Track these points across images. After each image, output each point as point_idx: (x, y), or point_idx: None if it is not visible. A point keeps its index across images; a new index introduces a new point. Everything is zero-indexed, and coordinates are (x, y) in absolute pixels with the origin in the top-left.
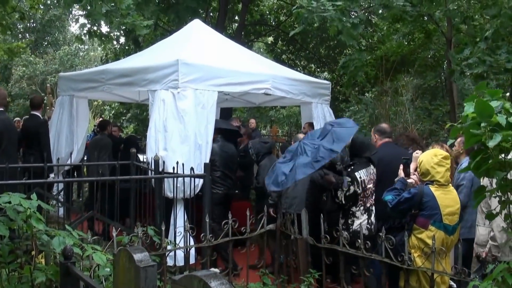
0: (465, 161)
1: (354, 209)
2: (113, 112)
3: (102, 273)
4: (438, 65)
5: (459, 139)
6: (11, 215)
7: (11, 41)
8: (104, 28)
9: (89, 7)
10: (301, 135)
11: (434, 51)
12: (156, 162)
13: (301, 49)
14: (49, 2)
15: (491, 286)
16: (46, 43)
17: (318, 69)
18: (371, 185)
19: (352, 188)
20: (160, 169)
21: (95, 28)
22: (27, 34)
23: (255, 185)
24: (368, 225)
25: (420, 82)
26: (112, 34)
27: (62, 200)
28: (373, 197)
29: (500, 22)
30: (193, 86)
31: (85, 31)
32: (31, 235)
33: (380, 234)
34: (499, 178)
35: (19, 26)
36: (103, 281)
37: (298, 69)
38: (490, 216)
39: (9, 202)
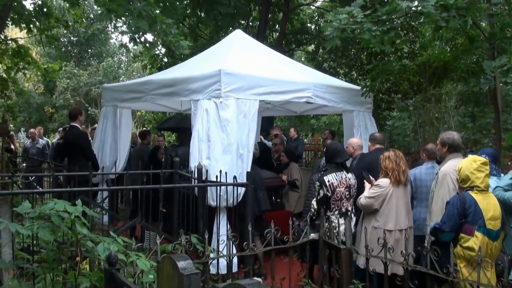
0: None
1: (328, 213)
2: (154, 118)
3: (145, 280)
4: (481, 71)
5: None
6: (56, 221)
7: (54, 54)
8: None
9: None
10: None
11: (477, 56)
12: (199, 170)
13: (342, 57)
14: (92, 16)
15: None
16: (89, 56)
17: (360, 77)
18: (341, 189)
19: (321, 192)
20: (203, 178)
21: (138, 36)
22: (69, 47)
23: None
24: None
25: (463, 88)
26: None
27: (106, 207)
28: (350, 202)
29: None
30: (235, 96)
31: (128, 40)
32: (76, 241)
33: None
34: None
35: (63, 40)
36: None
37: (340, 77)
38: None
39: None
